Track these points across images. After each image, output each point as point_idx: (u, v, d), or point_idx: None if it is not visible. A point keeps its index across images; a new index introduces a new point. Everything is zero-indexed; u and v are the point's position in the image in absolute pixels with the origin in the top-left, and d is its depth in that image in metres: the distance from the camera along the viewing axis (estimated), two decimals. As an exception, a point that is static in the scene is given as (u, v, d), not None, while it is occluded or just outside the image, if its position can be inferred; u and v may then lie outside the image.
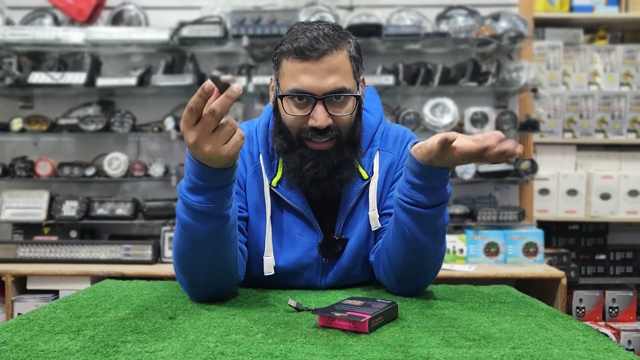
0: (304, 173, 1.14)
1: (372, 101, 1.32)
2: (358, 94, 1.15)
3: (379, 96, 1.35)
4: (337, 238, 1.20)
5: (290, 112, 1.13)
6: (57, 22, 2.83)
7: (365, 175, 1.22)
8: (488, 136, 0.95)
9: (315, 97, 1.09)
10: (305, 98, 1.10)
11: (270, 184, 1.20)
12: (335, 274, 1.22)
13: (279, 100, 1.15)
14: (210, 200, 0.96)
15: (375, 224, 1.20)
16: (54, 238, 2.64)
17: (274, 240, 1.20)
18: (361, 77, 1.20)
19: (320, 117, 1.09)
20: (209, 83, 0.84)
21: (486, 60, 2.79)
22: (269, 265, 1.17)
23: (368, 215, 1.21)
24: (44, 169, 2.70)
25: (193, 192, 0.96)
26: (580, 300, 2.69)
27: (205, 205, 0.96)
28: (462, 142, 0.97)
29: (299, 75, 1.09)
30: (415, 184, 1.05)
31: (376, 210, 1.21)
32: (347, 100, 1.13)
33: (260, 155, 1.22)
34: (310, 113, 1.10)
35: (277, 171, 1.21)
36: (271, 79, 1.22)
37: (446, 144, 0.96)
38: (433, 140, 0.99)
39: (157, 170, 2.69)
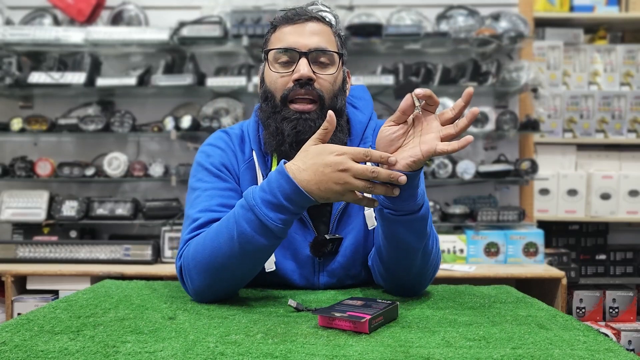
0: (285, 134, 1.14)
1: (361, 99, 1.32)
2: (342, 54, 1.20)
3: (370, 95, 1.35)
4: (327, 237, 1.20)
5: (275, 70, 1.17)
6: (57, 22, 2.83)
7: None
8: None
9: (299, 51, 1.14)
10: (289, 56, 1.15)
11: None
12: (333, 272, 1.22)
13: (266, 65, 1.20)
14: (284, 222, 0.98)
15: (371, 222, 1.20)
16: (54, 238, 2.64)
17: None
18: (346, 68, 1.25)
19: (303, 68, 1.13)
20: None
21: (486, 60, 2.79)
22: (269, 262, 1.17)
23: (364, 214, 1.21)
24: (43, 169, 2.69)
25: (271, 208, 0.98)
26: (581, 300, 2.69)
27: (276, 225, 0.98)
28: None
29: (285, 37, 1.17)
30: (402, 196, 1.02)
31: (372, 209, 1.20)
32: (331, 65, 1.18)
33: (254, 151, 1.22)
34: (294, 70, 1.15)
35: (271, 166, 1.21)
36: (260, 69, 1.27)
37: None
38: (417, 151, 0.97)
39: (156, 170, 2.68)
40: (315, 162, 0.95)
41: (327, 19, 1.22)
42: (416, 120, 1.00)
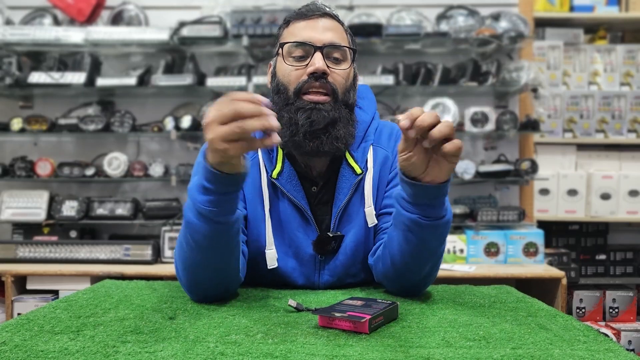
0: (299, 124, 1.14)
1: (364, 98, 1.32)
2: (354, 49, 1.22)
3: (373, 95, 1.36)
4: (330, 235, 1.20)
5: (289, 63, 1.17)
6: (57, 22, 2.83)
7: (358, 170, 1.22)
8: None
9: (314, 45, 1.15)
10: (304, 50, 1.16)
11: (270, 176, 1.20)
12: (333, 271, 1.22)
13: (278, 58, 1.20)
14: (211, 203, 0.97)
15: (371, 220, 1.20)
16: (54, 238, 2.64)
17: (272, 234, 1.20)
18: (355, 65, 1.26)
19: (318, 61, 1.14)
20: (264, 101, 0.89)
21: (486, 60, 2.79)
22: (271, 259, 1.17)
23: (364, 212, 1.21)
24: (43, 168, 2.69)
25: (199, 190, 0.98)
26: (581, 300, 2.69)
27: (204, 207, 0.97)
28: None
29: (299, 32, 1.18)
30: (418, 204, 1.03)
31: (372, 206, 1.20)
32: (344, 60, 1.19)
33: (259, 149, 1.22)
34: (308, 63, 1.15)
35: (276, 163, 1.21)
36: (269, 65, 1.26)
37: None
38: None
39: (156, 170, 2.69)
40: None
41: (337, 20, 1.22)
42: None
